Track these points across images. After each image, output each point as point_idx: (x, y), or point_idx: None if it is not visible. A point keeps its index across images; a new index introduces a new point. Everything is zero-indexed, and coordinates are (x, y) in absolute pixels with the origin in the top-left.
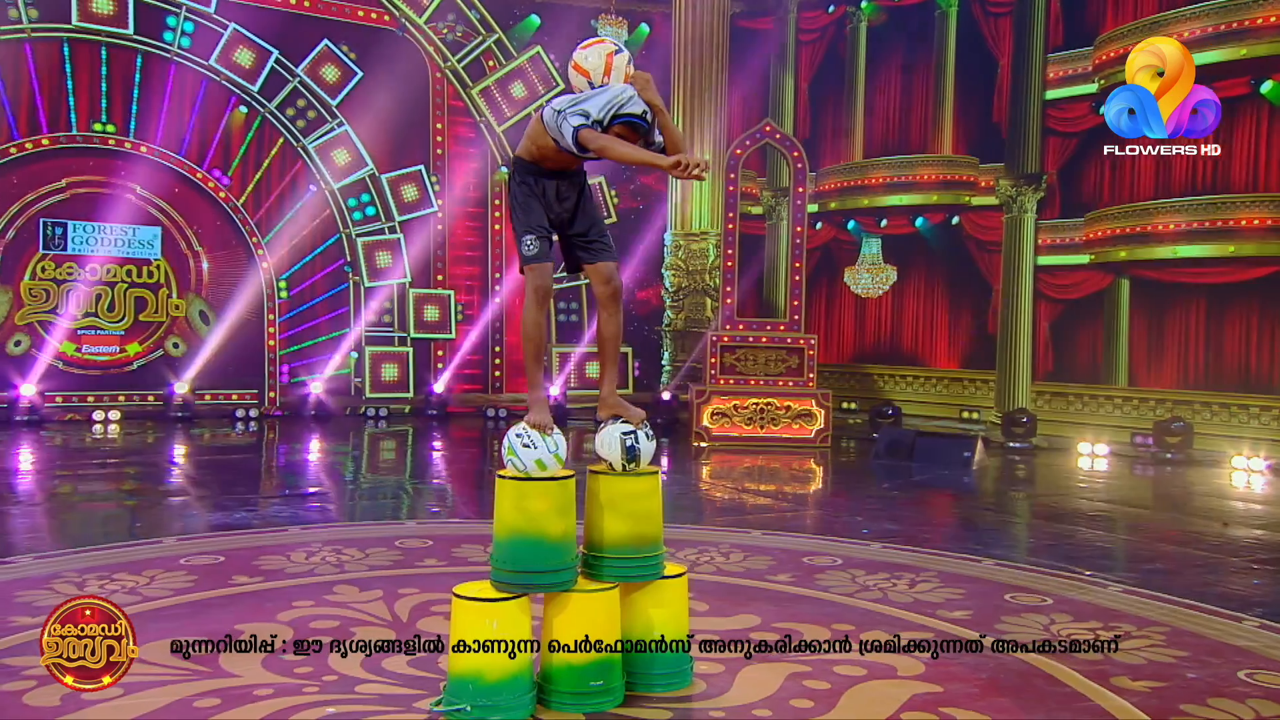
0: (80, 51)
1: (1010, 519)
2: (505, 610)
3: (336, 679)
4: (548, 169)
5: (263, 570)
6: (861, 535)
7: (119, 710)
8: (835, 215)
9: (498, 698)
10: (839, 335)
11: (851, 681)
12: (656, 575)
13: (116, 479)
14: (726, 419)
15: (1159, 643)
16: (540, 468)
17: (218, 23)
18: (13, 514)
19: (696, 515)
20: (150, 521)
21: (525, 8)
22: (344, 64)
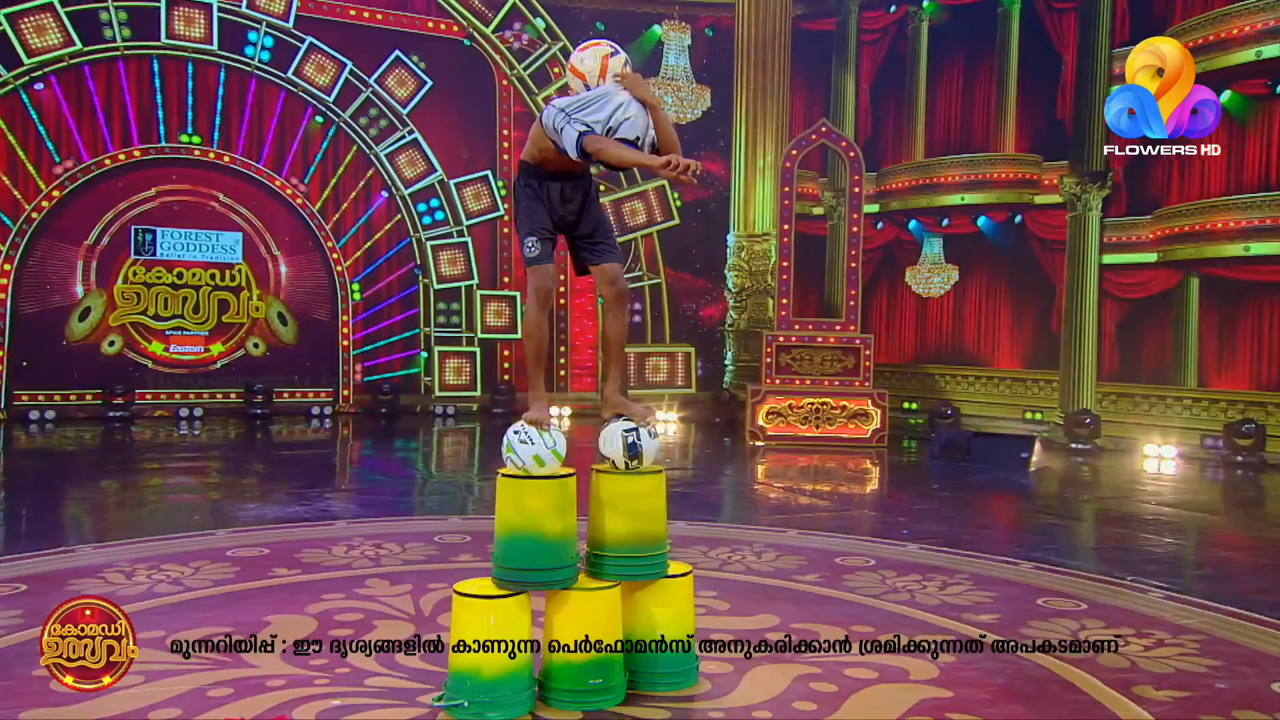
0: (168, 67)
1: (1061, 521)
2: (503, 607)
3: (349, 671)
4: (550, 171)
5: (302, 563)
6: (901, 536)
7: (136, 699)
8: (897, 215)
9: (495, 694)
10: (900, 335)
11: (860, 684)
12: (659, 574)
13: (189, 473)
14: (781, 418)
15: (1192, 651)
16: (538, 464)
17: (295, 37)
18: (87, 505)
19: (737, 514)
20: (210, 514)
21: (590, 16)
22: (414, 74)
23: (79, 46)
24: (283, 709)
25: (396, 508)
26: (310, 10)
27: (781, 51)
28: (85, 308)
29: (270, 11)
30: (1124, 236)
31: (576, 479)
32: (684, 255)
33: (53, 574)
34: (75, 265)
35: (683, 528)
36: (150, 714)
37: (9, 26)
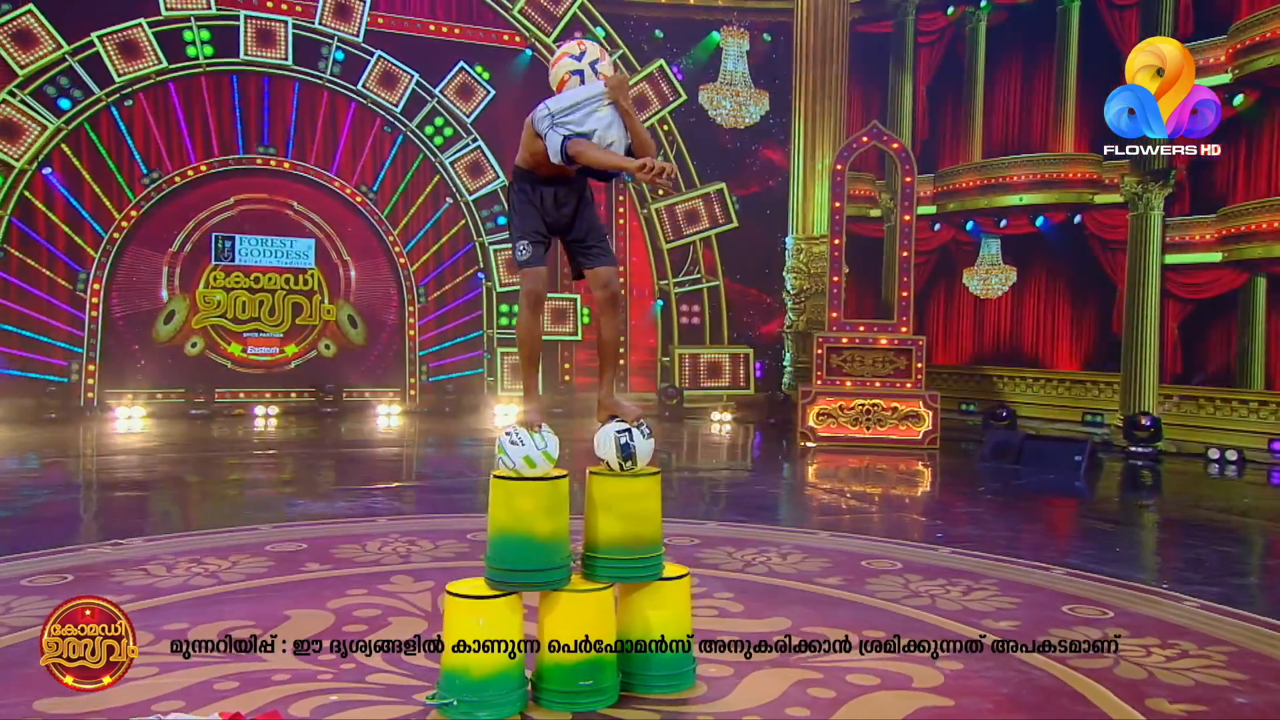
0: (247, 83)
1: (1106, 526)
2: (492, 608)
3: (354, 667)
4: (544, 175)
5: (335, 559)
6: (935, 539)
7: (144, 689)
8: (954, 216)
9: (484, 693)
10: (957, 336)
11: (859, 691)
12: (653, 577)
13: (254, 469)
14: (832, 419)
15: (1217, 663)
16: (529, 464)
17: (365, 51)
18: (152, 499)
19: (772, 515)
20: (261, 509)
21: (649, 24)
22: (478, 84)
23: (165, 65)
24: (281, 704)
25: (441, 506)
26: (379, 25)
27: (839, 55)
28: (170, 311)
29: (342, 27)
30: (1187, 236)
31: (569, 480)
32: (743, 258)
33: (100, 565)
34: (160, 271)
35: (714, 528)
36: (155, 705)
37: (102, 48)
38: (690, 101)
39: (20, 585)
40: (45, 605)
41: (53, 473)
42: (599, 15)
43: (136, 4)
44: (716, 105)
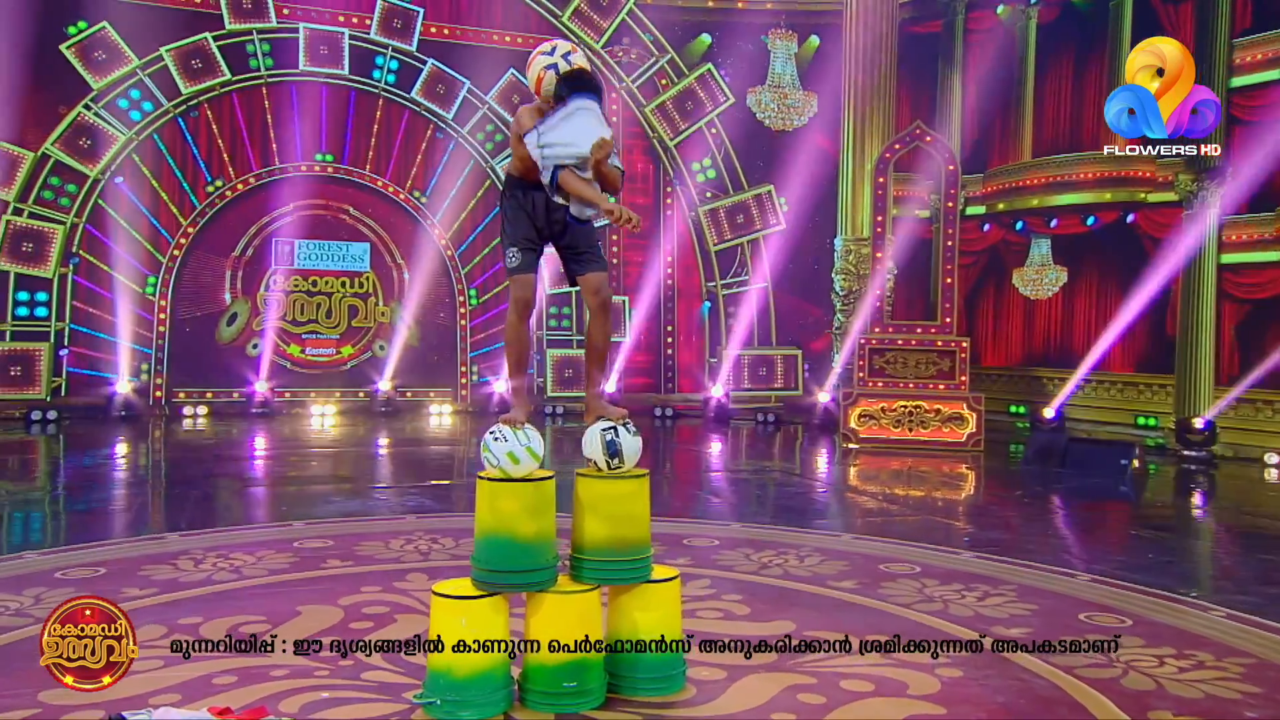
0: (305, 92)
1: (1145, 532)
2: (475, 608)
3: (351, 665)
4: (534, 182)
5: (357, 556)
6: (961, 543)
7: (146, 682)
8: (1004, 216)
9: (466, 693)
10: (1007, 338)
11: (851, 697)
12: (640, 579)
13: (301, 466)
14: (874, 421)
15: (1232, 675)
16: (512, 460)
17: (418, 59)
18: (199, 494)
19: (799, 517)
20: (299, 505)
21: (697, 28)
22: (527, 90)
23: (228, 76)
24: (273, 699)
25: (469, 502)
26: (431, 35)
27: (888, 55)
28: (232, 313)
29: (396, 37)
30: (1244, 235)
31: (555, 482)
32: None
33: (131, 559)
34: (224, 275)
35: (738, 529)
36: (152, 698)
37: (170, 63)
38: (738, 104)
39: (54, 577)
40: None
41: (115, 469)
42: (647, 21)
43: (203, 19)
44: (764, 107)
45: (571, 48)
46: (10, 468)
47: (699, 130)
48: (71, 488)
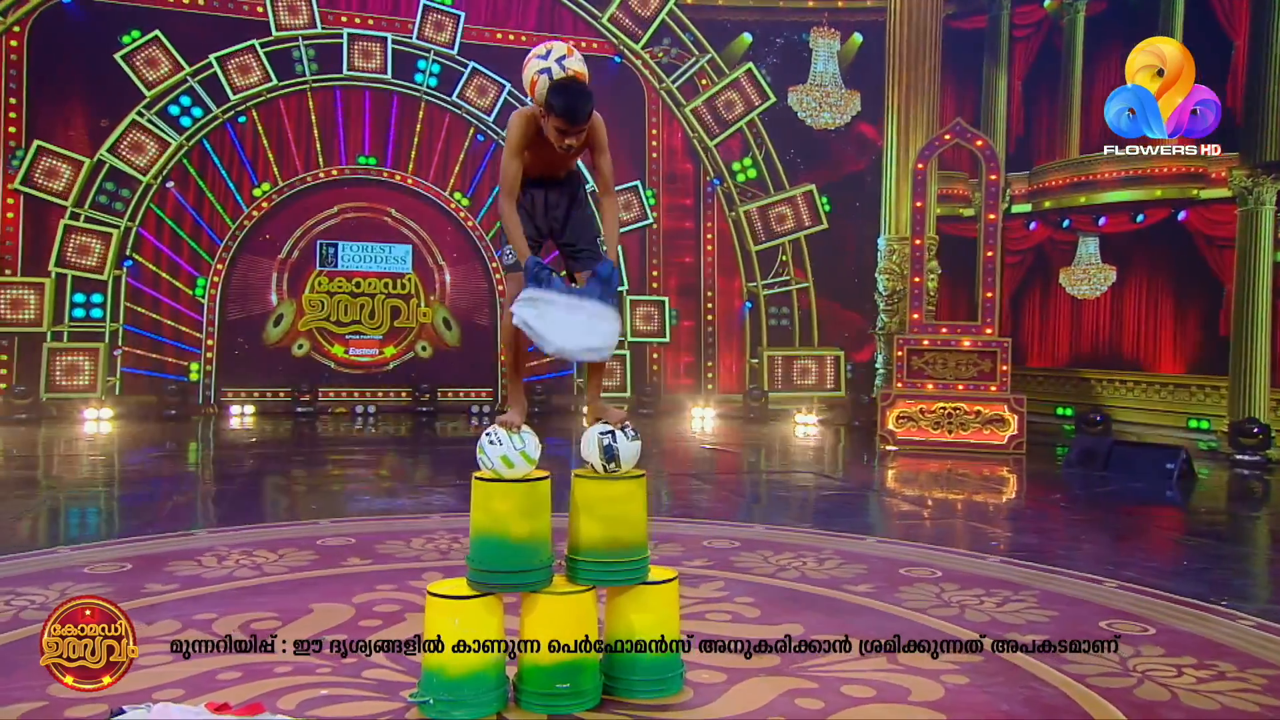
0: (349, 96)
1: (1184, 538)
2: (467, 608)
3: (354, 662)
4: (533, 178)
5: (378, 554)
6: (989, 547)
7: (151, 677)
8: (1050, 215)
9: (459, 693)
10: (1054, 338)
11: (850, 703)
12: (635, 581)
13: (339, 465)
14: (912, 422)
15: (1253, 687)
16: (506, 464)
17: (459, 63)
18: (234, 491)
19: (826, 519)
20: (329, 503)
21: (738, 27)
22: None
23: (275, 82)
24: (273, 696)
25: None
26: (472, 38)
27: (931, 52)
28: (278, 314)
29: (437, 41)
30: None
31: (550, 483)
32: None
33: (159, 555)
34: (270, 277)
35: (761, 531)
36: (156, 692)
37: (219, 68)
38: (780, 103)
39: (83, 572)
40: (99, 592)
41: (161, 465)
42: (687, 21)
43: (251, 26)
44: (806, 106)
45: (567, 50)
46: (63, 464)
47: (739, 130)
48: (115, 485)
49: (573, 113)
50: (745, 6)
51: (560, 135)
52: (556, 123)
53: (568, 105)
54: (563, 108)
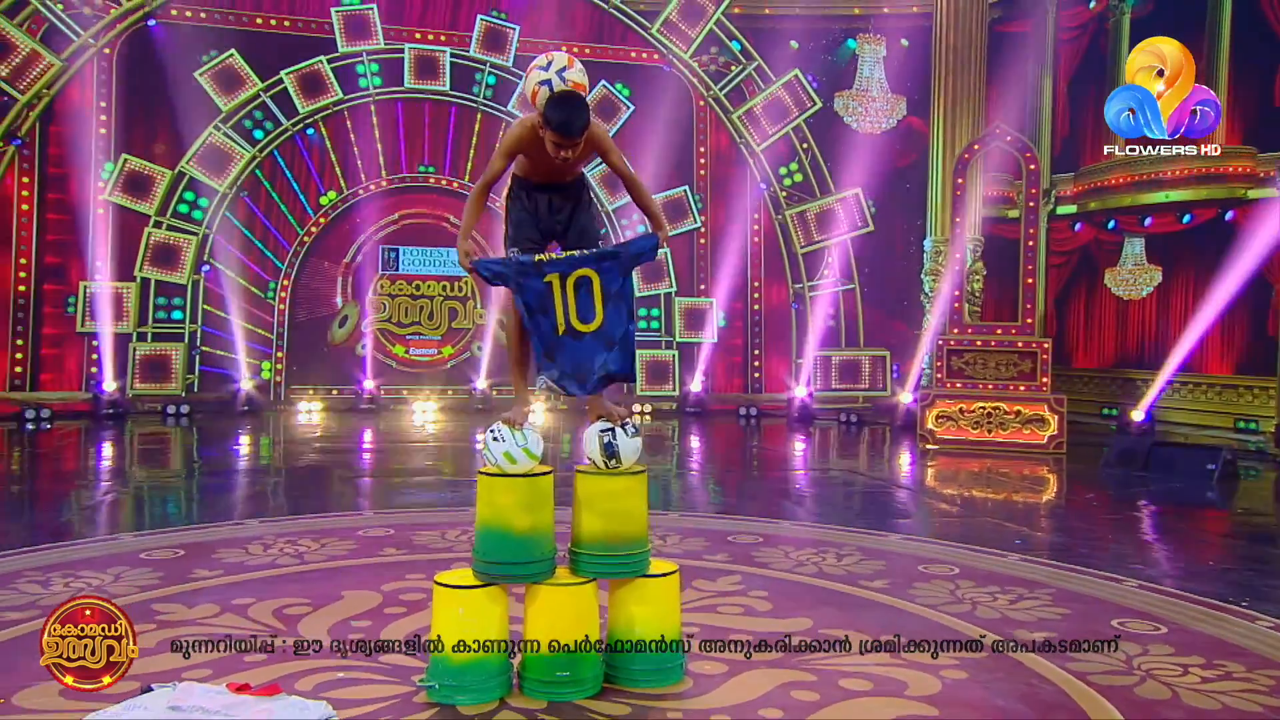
0: (410, 108)
1: (1216, 539)
2: (471, 598)
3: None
4: (538, 183)
5: (413, 544)
6: (1012, 545)
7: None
8: (1095, 215)
9: (463, 679)
10: (1099, 339)
11: (845, 695)
12: (635, 574)
13: (393, 458)
14: (952, 422)
15: (1260, 688)
16: (509, 460)
17: (514, 74)
18: (290, 483)
19: (854, 516)
20: (380, 495)
21: (785, 35)
22: (618, 100)
23: (340, 96)
24: (292, 678)
25: None
26: (527, 50)
27: (977, 56)
28: (343, 316)
29: (494, 54)
30: None
31: (552, 478)
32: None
33: (210, 542)
34: (335, 280)
35: (787, 527)
36: (185, 672)
37: (289, 85)
38: (826, 108)
39: (138, 558)
40: (150, 576)
41: (230, 458)
42: (734, 29)
43: (319, 43)
44: (852, 111)
45: (568, 62)
46: (144, 456)
47: (786, 135)
48: (187, 475)
49: (567, 127)
50: (792, 14)
51: (556, 148)
52: (552, 136)
53: (562, 120)
54: (558, 122)
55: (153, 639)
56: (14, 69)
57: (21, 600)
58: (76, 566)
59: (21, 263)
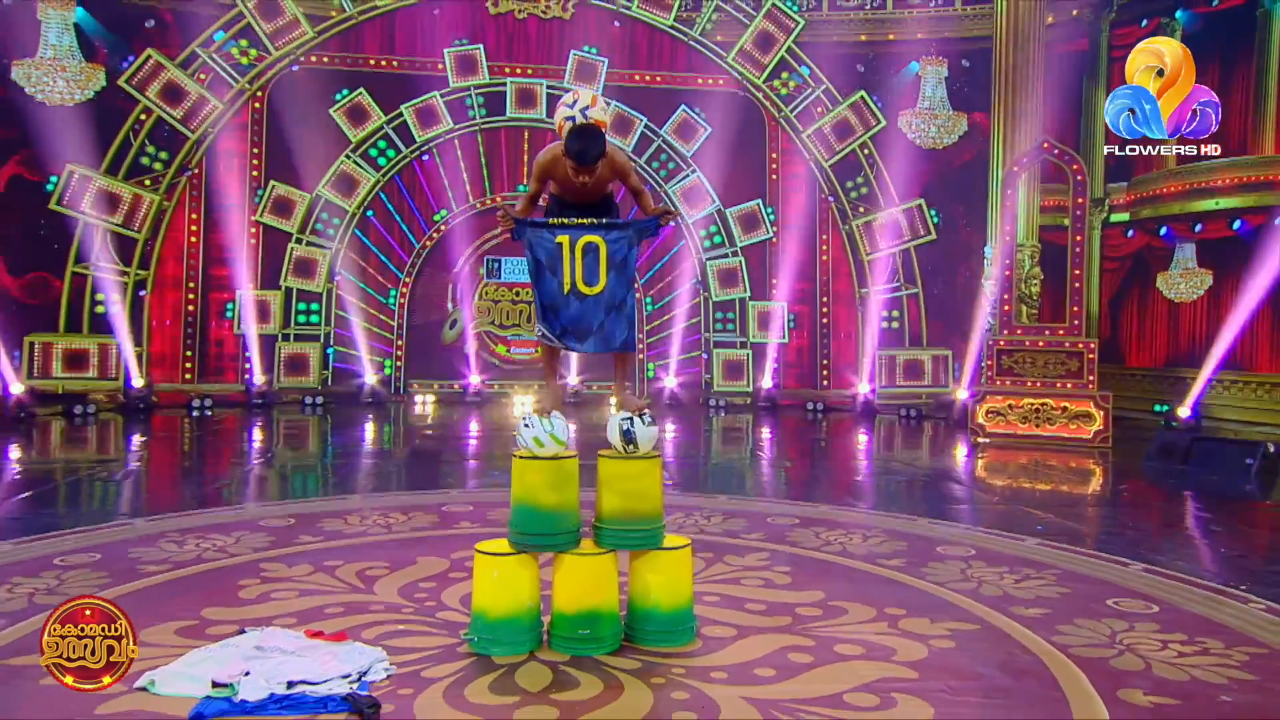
0: (512, 135)
1: (1233, 527)
2: (506, 564)
3: (434, 604)
4: (569, 201)
5: (487, 519)
6: (1033, 531)
7: (278, 608)
8: (1149, 222)
9: (497, 633)
10: (1151, 339)
11: (837, 658)
12: (650, 546)
13: (489, 444)
14: (1001, 417)
15: (1231, 663)
16: (537, 444)
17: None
18: (394, 463)
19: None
20: (468, 477)
21: (851, 59)
22: (696, 123)
23: (451, 125)
24: (360, 629)
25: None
26: (614, 80)
27: (1034, 73)
28: (453, 319)
29: (584, 84)
30: None
31: (577, 461)
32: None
33: (317, 513)
34: (446, 287)
35: (825, 510)
36: (275, 619)
37: (408, 117)
38: (890, 125)
39: (258, 525)
40: (263, 540)
41: (351, 443)
42: (804, 55)
43: (433, 80)
44: (915, 128)
45: (591, 100)
46: (284, 440)
47: (852, 151)
48: (319, 456)
49: (582, 156)
50: (858, 40)
51: (574, 173)
52: (570, 163)
53: (578, 150)
54: (574, 152)
55: (254, 591)
56: (186, 111)
57: (159, 556)
58: (209, 530)
59: (190, 275)
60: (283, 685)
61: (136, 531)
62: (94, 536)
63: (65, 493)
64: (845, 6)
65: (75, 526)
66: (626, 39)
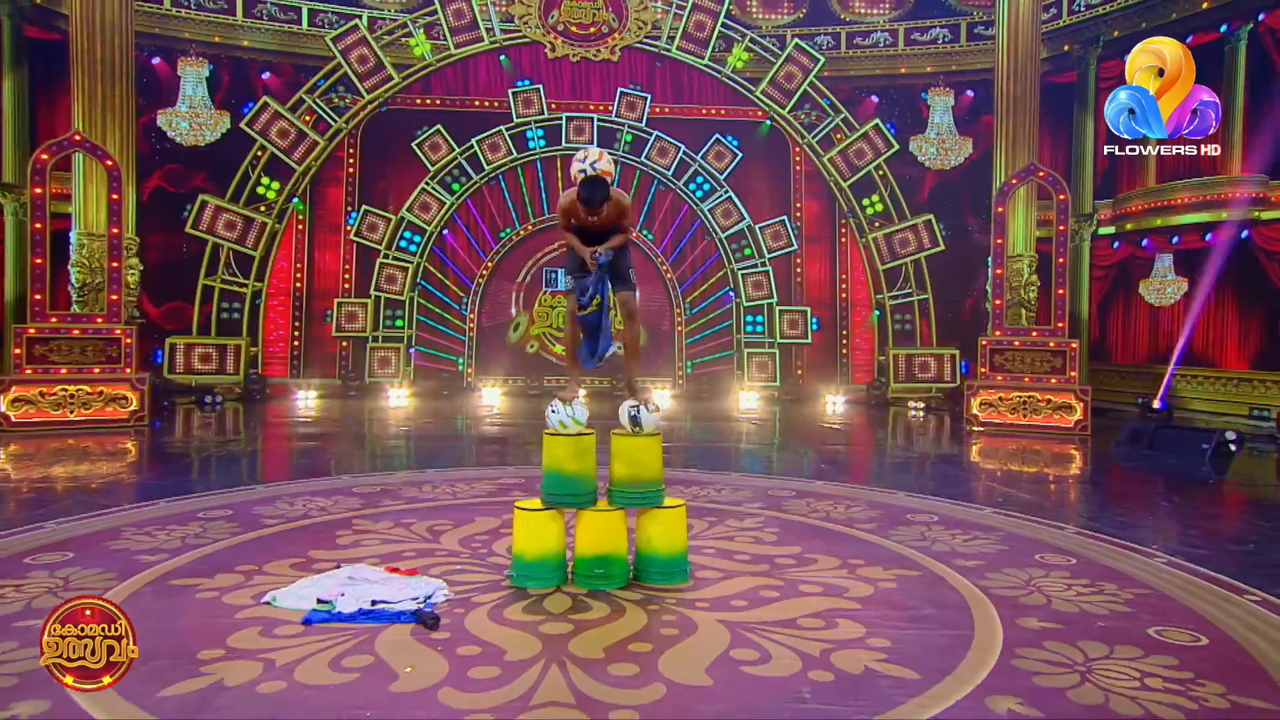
0: (566, 161)
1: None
2: (537, 518)
3: (486, 552)
4: (591, 233)
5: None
6: (993, 502)
7: (366, 551)
8: (1131, 235)
9: (532, 571)
10: (1134, 339)
11: (799, 595)
12: (651, 505)
13: None
14: (992, 408)
15: (1118, 601)
16: (562, 425)
17: (645, 132)
18: (467, 444)
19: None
20: (524, 455)
21: (867, 91)
22: (729, 149)
23: (514, 154)
24: (425, 568)
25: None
26: (655, 113)
27: (1031, 103)
28: (516, 323)
29: (630, 117)
30: None
31: (594, 437)
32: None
33: (398, 484)
34: (511, 295)
35: (820, 486)
36: (364, 559)
37: (478, 148)
38: (902, 149)
39: (351, 491)
40: (355, 503)
41: (434, 428)
42: (824, 88)
43: (498, 116)
44: (925, 151)
45: (599, 155)
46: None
47: (868, 173)
48: (399, 439)
49: (587, 201)
50: (873, 75)
51: (586, 213)
52: (580, 207)
53: (586, 196)
54: (583, 198)
55: (348, 539)
56: (293, 147)
57: (276, 513)
58: (309, 495)
59: (298, 285)
60: (368, 603)
61: (258, 494)
62: (227, 497)
63: (203, 464)
64: (861, 45)
65: (212, 489)
66: (667, 76)
